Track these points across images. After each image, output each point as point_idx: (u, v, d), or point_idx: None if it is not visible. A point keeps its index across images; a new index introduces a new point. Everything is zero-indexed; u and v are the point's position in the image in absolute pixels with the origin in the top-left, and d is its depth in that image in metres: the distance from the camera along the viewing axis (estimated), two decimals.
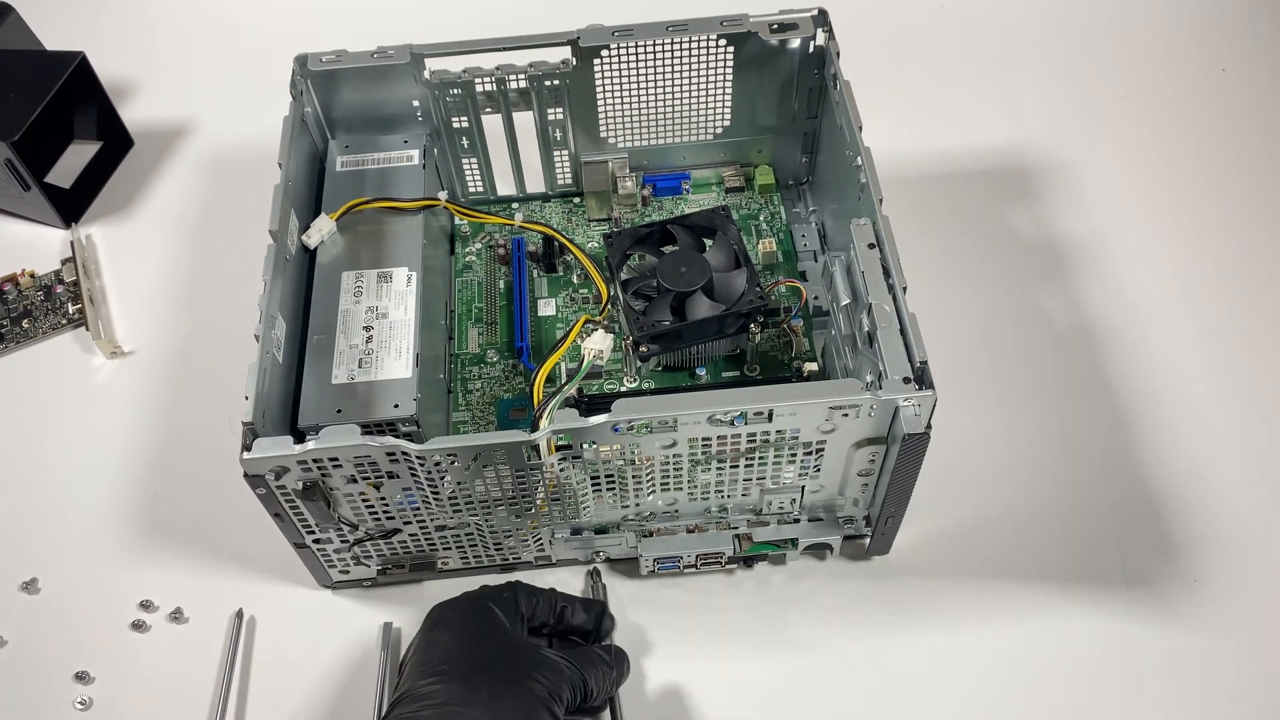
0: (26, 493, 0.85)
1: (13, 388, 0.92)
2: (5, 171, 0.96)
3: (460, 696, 0.62)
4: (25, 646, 0.78)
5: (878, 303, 0.68)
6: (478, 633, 0.67)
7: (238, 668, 0.76)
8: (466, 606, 0.69)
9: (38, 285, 0.97)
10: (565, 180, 0.95)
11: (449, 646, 0.66)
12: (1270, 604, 0.76)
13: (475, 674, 0.64)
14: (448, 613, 0.69)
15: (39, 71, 0.98)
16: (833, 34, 0.83)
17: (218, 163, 1.07)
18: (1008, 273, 0.94)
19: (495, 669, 0.65)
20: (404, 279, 0.80)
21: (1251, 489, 0.81)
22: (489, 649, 0.66)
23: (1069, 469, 0.82)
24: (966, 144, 1.04)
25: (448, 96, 0.86)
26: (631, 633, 0.76)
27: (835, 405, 0.64)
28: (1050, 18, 1.15)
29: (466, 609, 0.69)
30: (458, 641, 0.66)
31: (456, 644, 0.66)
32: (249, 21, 1.19)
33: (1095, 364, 0.88)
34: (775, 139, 0.93)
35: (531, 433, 0.64)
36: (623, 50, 0.84)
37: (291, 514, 0.68)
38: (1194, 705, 0.72)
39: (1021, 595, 0.77)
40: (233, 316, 0.88)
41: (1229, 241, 0.96)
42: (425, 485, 0.66)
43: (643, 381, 0.84)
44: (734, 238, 0.84)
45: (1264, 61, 1.10)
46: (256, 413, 0.65)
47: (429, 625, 0.68)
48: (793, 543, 0.75)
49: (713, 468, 0.69)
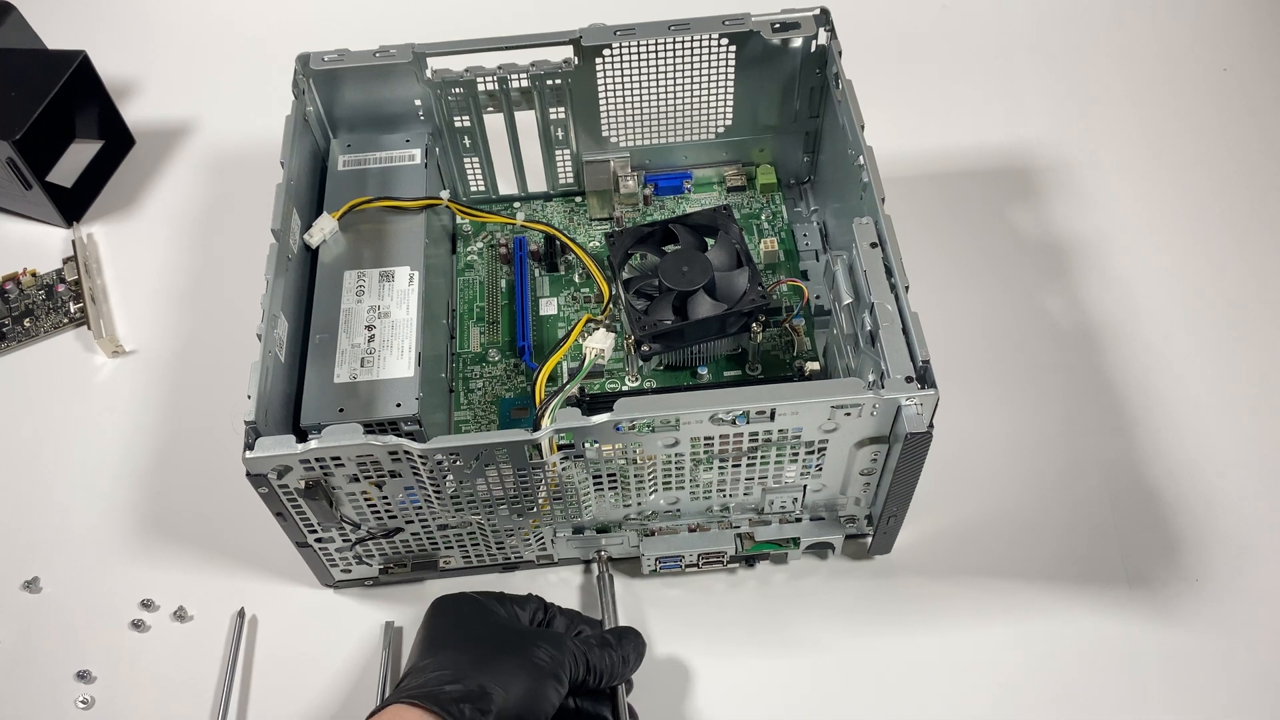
0: (28, 492, 0.85)
1: (14, 387, 0.92)
2: (7, 170, 0.96)
3: (461, 662, 0.62)
4: (27, 645, 0.78)
5: (880, 302, 0.68)
6: (476, 615, 0.67)
7: (239, 667, 0.76)
8: (468, 596, 0.69)
9: (39, 284, 0.97)
10: (567, 179, 0.95)
11: (448, 628, 0.66)
12: (1271, 603, 0.76)
13: (472, 645, 0.64)
14: (448, 601, 0.69)
15: (40, 70, 0.98)
16: (835, 33, 0.83)
17: (219, 162, 1.07)
18: (1009, 272, 0.94)
19: (493, 640, 0.65)
20: (406, 278, 0.80)
21: (1253, 488, 0.81)
22: (487, 625, 0.66)
23: (1070, 468, 0.82)
24: (968, 143, 1.04)
25: (450, 95, 0.86)
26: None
27: (838, 404, 0.64)
28: (1052, 17, 1.15)
29: (468, 598, 0.69)
30: (457, 623, 0.67)
31: (456, 625, 0.67)
32: (251, 21, 1.19)
33: (1096, 363, 0.88)
34: (777, 138, 0.93)
35: (534, 432, 0.64)
36: (625, 49, 0.84)
37: (294, 513, 0.68)
38: (1195, 704, 0.72)
39: (1023, 594, 0.77)
40: (234, 315, 0.88)
41: (1230, 241, 0.96)
42: (427, 484, 0.66)
43: (644, 381, 0.84)
44: (736, 237, 0.84)
45: (1265, 61, 1.10)
46: (259, 412, 0.65)
47: (429, 614, 0.68)
48: (794, 542, 0.75)
49: (715, 467, 0.69)
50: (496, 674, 0.62)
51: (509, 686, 0.62)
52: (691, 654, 0.75)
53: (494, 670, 0.62)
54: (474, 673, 0.62)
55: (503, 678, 0.62)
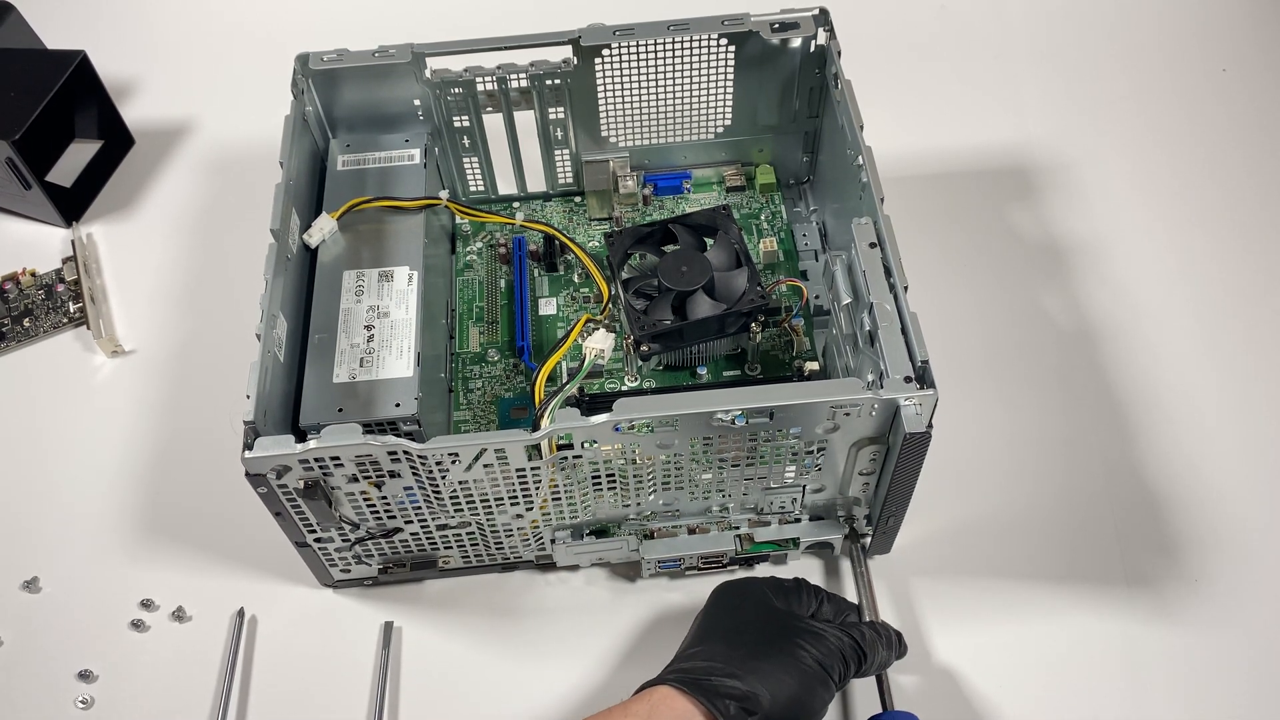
0: (27, 492, 0.85)
1: (13, 387, 0.92)
2: (6, 170, 0.96)
3: (733, 657, 0.63)
4: (26, 645, 0.78)
5: (879, 302, 0.68)
6: (755, 606, 0.68)
7: (239, 667, 0.76)
8: (754, 584, 0.69)
9: (39, 284, 0.97)
10: (566, 179, 0.95)
11: (725, 617, 0.67)
12: (1270, 602, 0.76)
13: (733, 636, 0.65)
14: (731, 588, 0.69)
15: (40, 70, 0.98)
16: (834, 33, 0.83)
17: (218, 162, 1.07)
18: (1008, 272, 0.94)
19: (756, 633, 0.65)
20: (405, 278, 0.80)
21: (1252, 487, 0.81)
22: (765, 619, 0.67)
23: (1069, 468, 0.83)
24: (967, 144, 1.04)
25: (449, 95, 0.86)
26: (632, 635, 0.76)
27: (837, 404, 0.64)
28: (1051, 17, 1.15)
29: (753, 586, 0.69)
30: (736, 614, 0.67)
31: (734, 615, 0.67)
32: (250, 20, 1.19)
33: (1096, 363, 0.88)
34: (776, 138, 0.93)
35: (533, 432, 0.64)
36: (624, 49, 0.84)
37: (293, 513, 0.68)
38: (1194, 703, 0.72)
39: (1022, 594, 0.77)
40: (234, 315, 0.88)
41: (1230, 239, 0.96)
42: (427, 484, 0.66)
43: (643, 381, 0.84)
44: (735, 237, 0.84)
45: (1265, 61, 1.10)
46: (258, 412, 0.65)
47: (712, 599, 0.69)
48: (794, 542, 0.75)
49: (714, 467, 0.69)
50: (767, 675, 0.62)
51: (777, 690, 0.62)
52: None
53: (765, 670, 0.62)
54: (745, 670, 0.62)
55: (772, 680, 0.62)
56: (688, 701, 0.61)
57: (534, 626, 0.77)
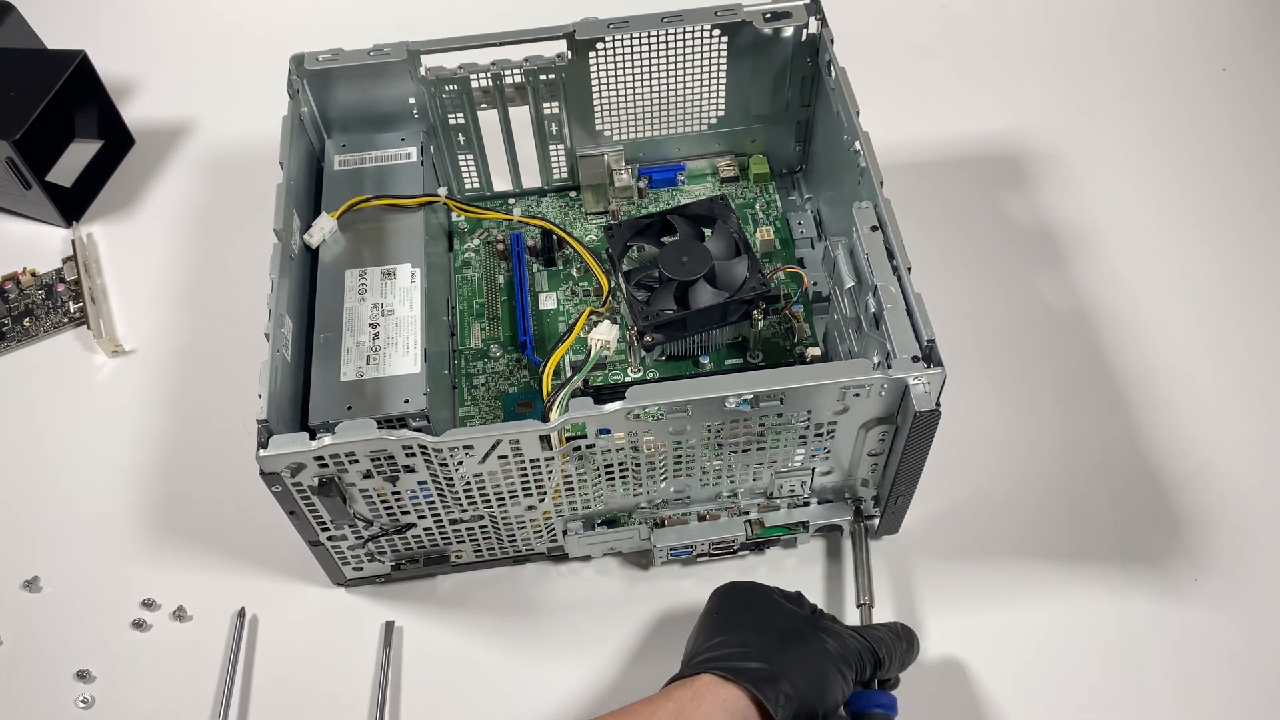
0: (28, 491, 0.85)
1: (14, 386, 0.91)
2: (6, 170, 0.95)
3: (755, 644, 0.63)
4: (27, 645, 0.77)
5: (883, 284, 0.69)
6: (764, 601, 0.68)
7: (241, 667, 0.75)
8: (754, 584, 0.69)
9: (39, 284, 0.97)
10: (561, 174, 0.95)
11: (740, 611, 0.67)
12: (1269, 582, 0.77)
13: (759, 628, 0.65)
14: (735, 587, 0.69)
15: (40, 70, 0.98)
16: (825, 21, 0.83)
17: (218, 162, 1.07)
18: (1006, 261, 0.95)
19: (778, 626, 0.65)
20: (408, 275, 0.80)
21: (1249, 468, 0.82)
22: (777, 613, 0.67)
23: (1069, 451, 0.83)
24: (960, 133, 1.05)
25: (444, 93, 0.87)
26: (648, 626, 0.76)
27: (847, 385, 0.64)
28: (1051, 17, 1.16)
29: (755, 585, 0.69)
30: (749, 607, 0.67)
31: (748, 609, 0.67)
32: (250, 20, 1.19)
33: (1095, 348, 0.89)
34: (769, 128, 0.93)
35: (544, 423, 0.64)
36: (618, 42, 0.84)
37: (306, 511, 0.68)
38: (1194, 683, 0.73)
39: (1025, 573, 0.78)
40: (234, 315, 0.88)
41: (1226, 228, 0.97)
42: (440, 478, 0.67)
43: (646, 371, 0.84)
44: (733, 226, 0.84)
45: (1265, 61, 1.10)
46: (270, 410, 0.65)
47: (715, 597, 0.69)
48: (804, 525, 0.76)
49: (725, 451, 0.70)
50: (795, 661, 0.63)
51: (806, 674, 0.62)
52: None
53: (795, 660, 0.63)
54: (776, 655, 0.62)
55: (800, 665, 0.63)
56: (734, 689, 0.61)
57: (548, 621, 0.77)
